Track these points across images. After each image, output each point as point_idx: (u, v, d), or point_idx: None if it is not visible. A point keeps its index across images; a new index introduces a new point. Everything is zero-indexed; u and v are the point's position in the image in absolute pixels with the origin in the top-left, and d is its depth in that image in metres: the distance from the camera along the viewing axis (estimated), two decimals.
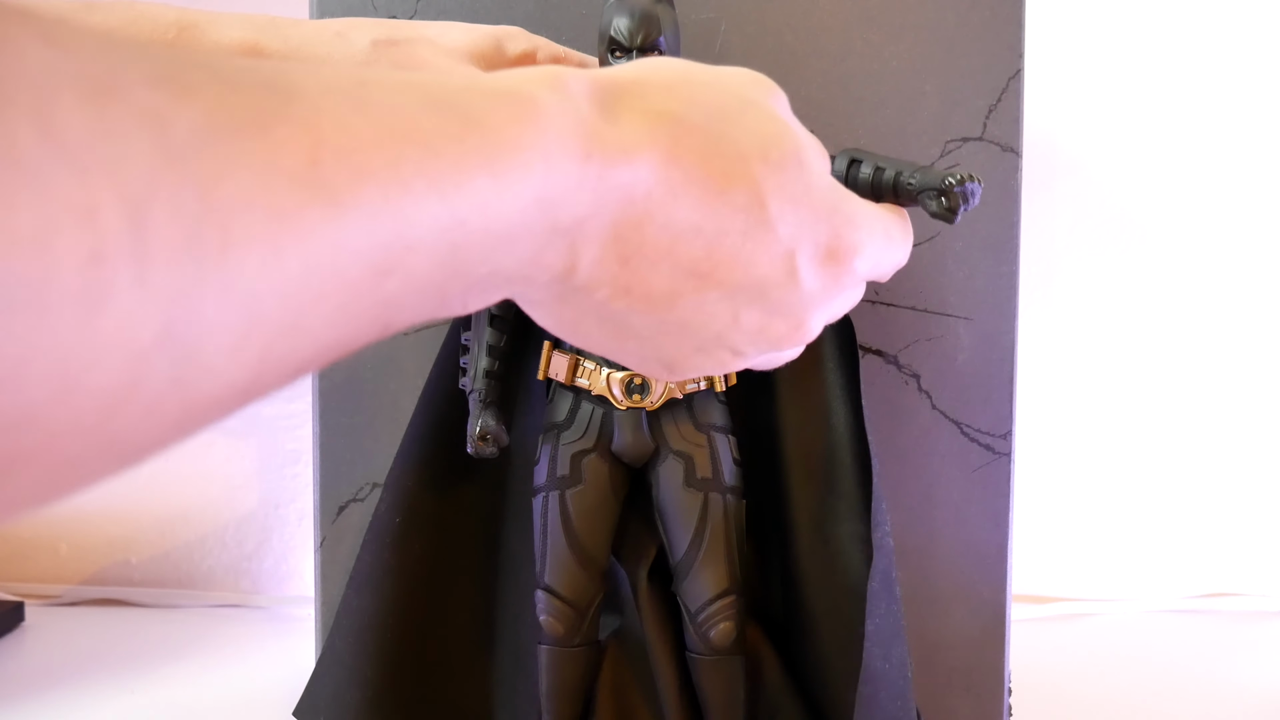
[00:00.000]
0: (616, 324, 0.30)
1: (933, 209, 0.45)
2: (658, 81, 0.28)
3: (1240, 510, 0.90)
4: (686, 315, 0.30)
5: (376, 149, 0.20)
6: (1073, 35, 0.87)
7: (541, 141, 0.24)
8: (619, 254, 0.27)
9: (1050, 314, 0.88)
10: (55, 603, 0.88)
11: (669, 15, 0.48)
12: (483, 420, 0.50)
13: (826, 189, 0.31)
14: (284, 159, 0.19)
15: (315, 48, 0.43)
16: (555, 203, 0.24)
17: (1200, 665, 0.77)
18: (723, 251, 0.28)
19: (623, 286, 0.28)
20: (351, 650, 0.53)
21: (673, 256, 0.28)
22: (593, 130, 0.25)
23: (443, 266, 0.22)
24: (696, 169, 0.27)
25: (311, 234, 0.19)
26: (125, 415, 0.17)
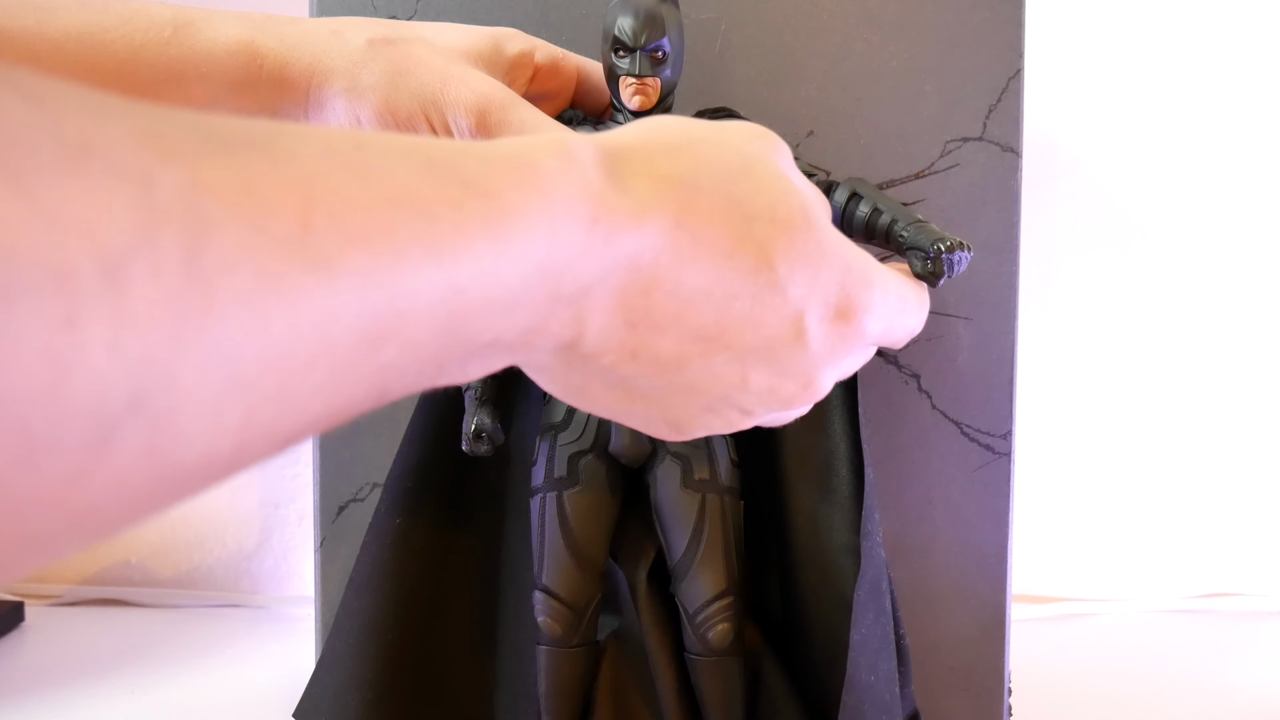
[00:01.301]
0: (623, 388, 0.29)
1: (916, 269, 0.45)
2: (662, 144, 0.28)
3: (1240, 510, 0.90)
4: (694, 378, 0.29)
5: (370, 213, 0.20)
6: (1073, 35, 0.87)
7: (546, 208, 0.23)
8: (626, 320, 0.27)
9: (1050, 314, 0.88)
10: (55, 603, 0.88)
11: (673, 15, 0.48)
12: (478, 418, 0.50)
13: (836, 245, 0.31)
14: (273, 221, 0.18)
15: (312, 46, 0.43)
16: (560, 271, 0.24)
17: (1200, 665, 0.77)
18: (731, 315, 0.28)
19: (629, 351, 0.27)
20: (351, 651, 0.53)
21: (681, 321, 0.27)
22: (599, 196, 0.25)
23: (441, 335, 0.22)
24: (704, 232, 0.27)
25: (300, 299, 0.18)
26: (92, 486, 0.17)
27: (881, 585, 0.49)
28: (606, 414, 0.31)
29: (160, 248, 0.16)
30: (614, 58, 0.48)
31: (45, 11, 0.40)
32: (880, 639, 0.49)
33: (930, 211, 0.56)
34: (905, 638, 0.52)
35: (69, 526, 0.17)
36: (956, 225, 0.57)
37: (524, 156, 0.24)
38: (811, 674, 0.52)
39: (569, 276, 0.24)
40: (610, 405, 0.30)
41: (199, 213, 0.17)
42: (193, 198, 0.17)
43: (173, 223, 0.17)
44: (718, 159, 0.28)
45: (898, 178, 0.57)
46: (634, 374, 0.28)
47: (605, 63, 0.48)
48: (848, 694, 0.47)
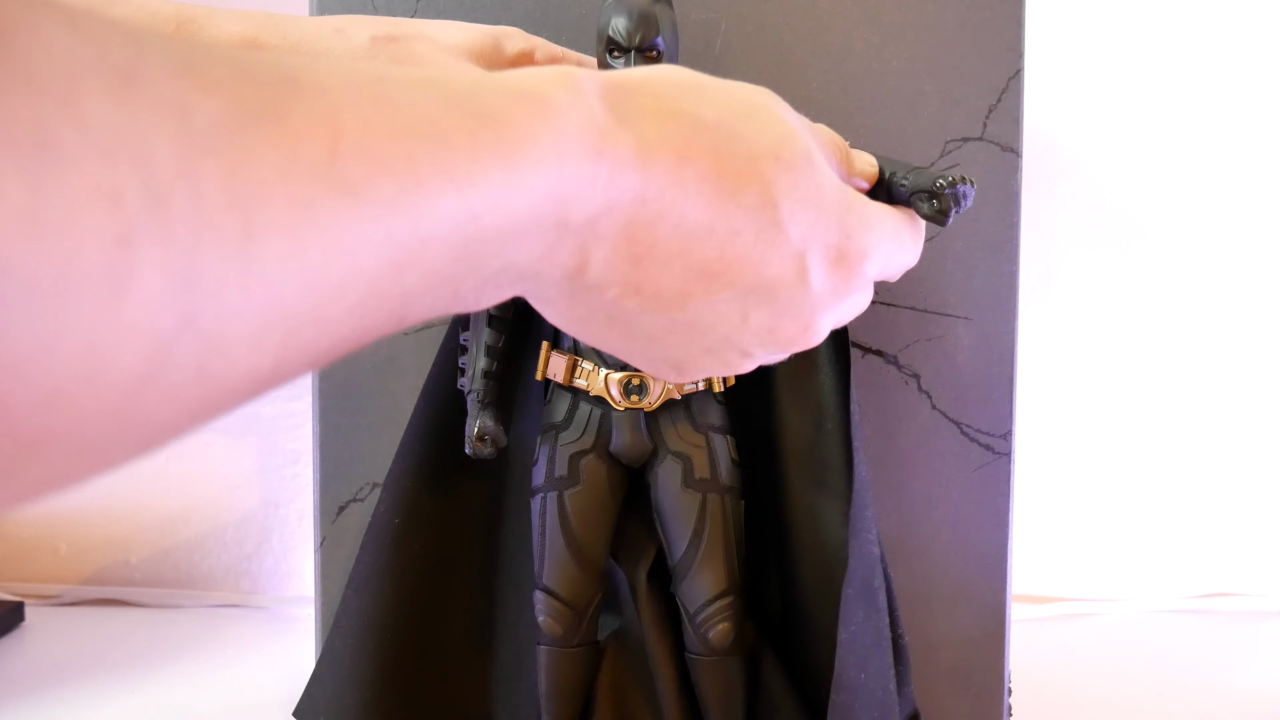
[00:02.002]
0: (626, 324, 0.30)
1: (924, 211, 0.45)
2: (670, 82, 0.29)
3: (1240, 510, 0.90)
4: (696, 316, 0.30)
5: (393, 143, 0.20)
6: (1073, 35, 0.87)
7: (555, 138, 0.24)
8: (631, 253, 0.27)
9: (1050, 314, 0.88)
10: (55, 603, 0.88)
11: (667, 15, 0.48)
12: (480, 421, 0.50)
13: (838, 190, 0.31)
14: (304, 151, 0.19)
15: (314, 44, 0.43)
16: (568, 199, 0.24)
17: (1200, 665, 0.77)
18: (734, 252, 0.28)
19: (633, 286, 0.28)
20: (351, 651, 0.53)
21: (684, 257, 0.28)
22: (605, 129, 0.25)
23: (457, 260, 0.23)
24: (710, 169, 0.27)
25: (331, 226, 0.19)
26: (147, 400, 0.17)
27: (873, 583, 0.49)
28: (607, 348, 0.31)
29: (201, 175, 0.17)
30: (609, 58, 0.48)
31: None
32: (872, 636, 0.49)
33: None
34: (904, 637, 0.52)
35: (123, 438, 0.18)
36: (956, 225, 0.57)
37: (534, 88, 0.25)
38: (810, 673, 0.52)
39: (576, 205, 0.25)
40: (612, 340, 0.31)
41: (235, 142, 0.18)
42: (229, 128, 0.18)
43: (212, 152, 0.17)
44: (724, 100, 0.29)
45: None
46: (637, 309, 0.29)
47: (600, 63, 0.48)
48: (837, 692, 0.47)
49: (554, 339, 0.52)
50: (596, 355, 0.50)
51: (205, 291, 0.17)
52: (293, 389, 0.89)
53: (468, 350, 0.52)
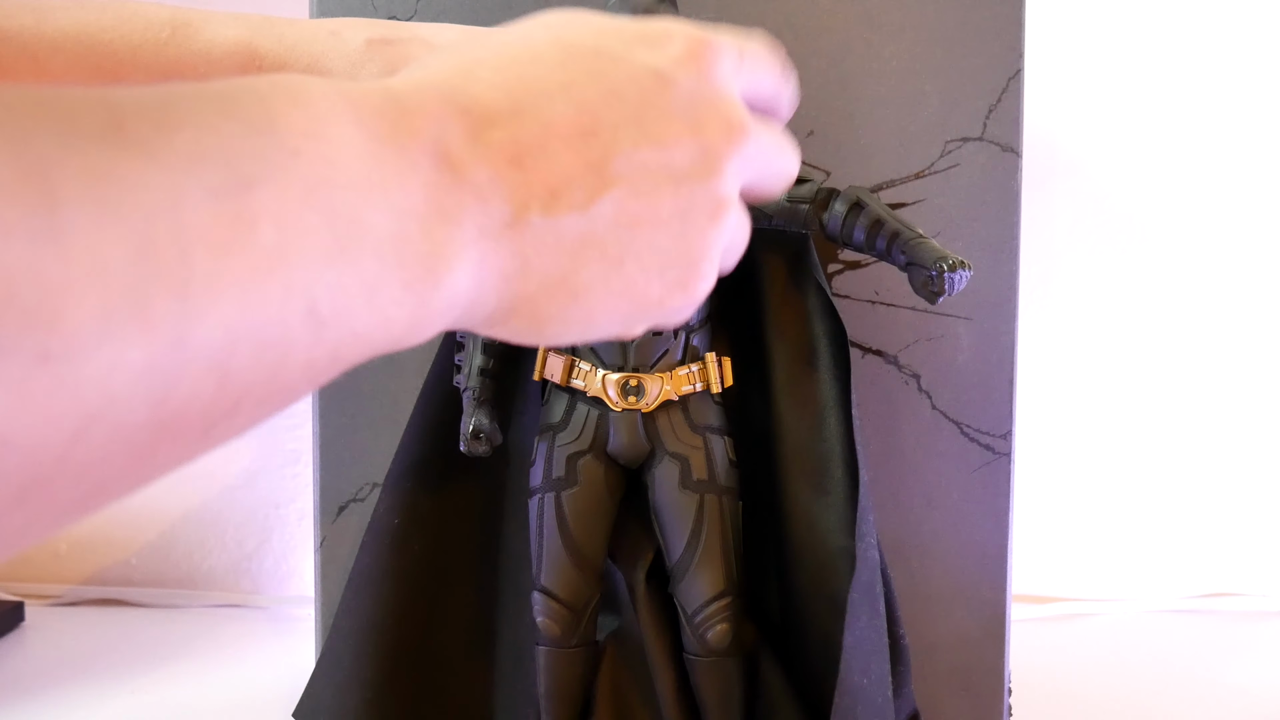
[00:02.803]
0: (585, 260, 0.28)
1: (916, 283, 0.46)
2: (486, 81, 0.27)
3: (1240, 510, 0.90)
4: (616, 208, 0.28)
5: (178, 106, 0.20)
6: (1073, 35, 0.87)
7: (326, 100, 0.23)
8: (505, 155, 0.26)
9: (1050, 314, 0.88)
10: (55, 603, 0.88)
11: (670, 16, 0.48)
12: (476, 418, 0.50)
13: (662, 27, 0.30)
14: (84, 124, 0.18)
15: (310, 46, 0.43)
16: (383, 131, 0.23)
17: (1200, 665, 0.77)
18: (585, 100, 0.27)
19: (543, 189, 0.26)
20: (351, 651, 0.53)
21: (547, 132, 0.26)
22: (386, 90, 0.24)
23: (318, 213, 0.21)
24: (496, 68, 0.27)
25: (139, 185, 0.18)
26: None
27: (875, 588, 0.49)
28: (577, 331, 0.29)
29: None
30: None
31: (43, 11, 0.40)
32: (874, 641, 0.49)
33: (930, 211, 0.56)
34: (905, 637, 0.52)
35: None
36: (956, 225, 0.57)
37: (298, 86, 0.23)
38: (808, 675, 0.52)
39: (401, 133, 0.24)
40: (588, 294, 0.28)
41: (7, 126, 0.17)
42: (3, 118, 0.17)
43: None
44: (498, 37, 0.28)
45: (898, 178, 0.57)
46: (571, 223, 0.27)
47: None
48: (840, 696, 0.47)
49: None
50: (594, 355, 0.50)
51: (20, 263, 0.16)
52: None
53: (464, 347, 0.52)
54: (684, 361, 0.51)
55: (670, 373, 0.50)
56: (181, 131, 0.19)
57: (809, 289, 0.51)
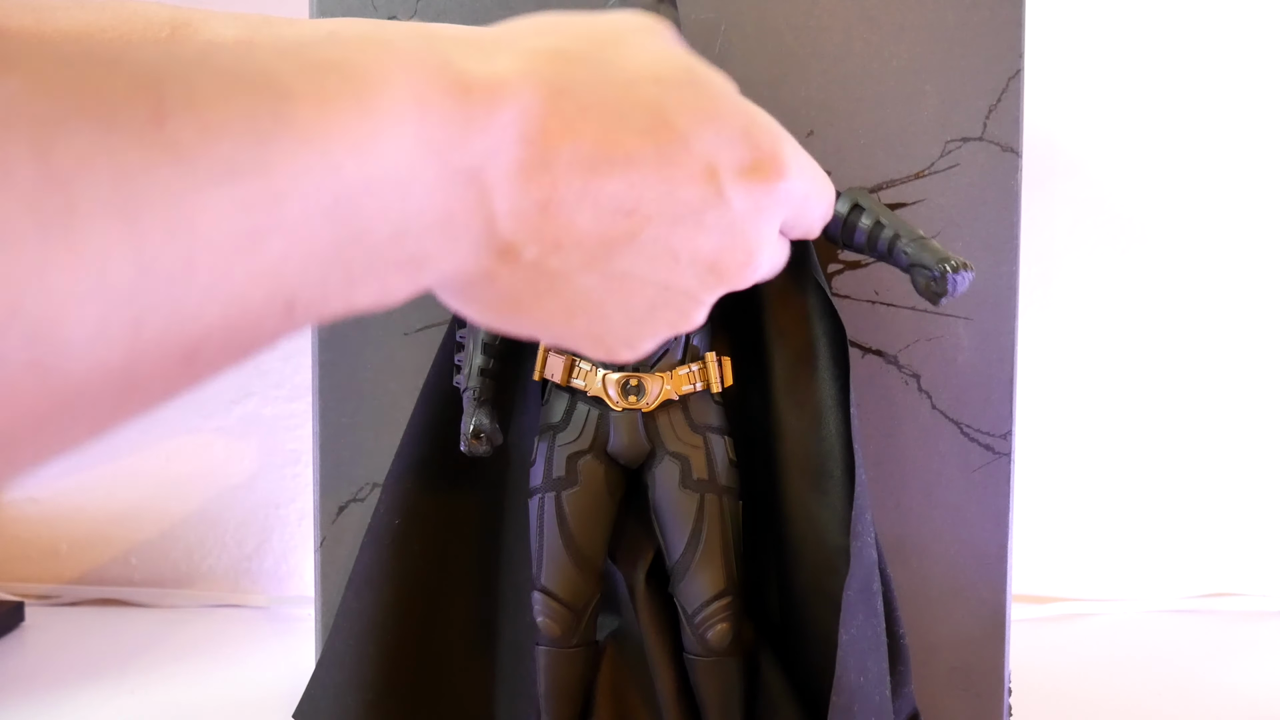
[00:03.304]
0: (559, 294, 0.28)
1: (919, 284, 0.46)
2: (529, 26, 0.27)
3: (1240, 510, 0.90)
4: (627, 265, 0.28)
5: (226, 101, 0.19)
6: (1073, 35, 0.87)
7: (408, 79, 0.23)
8: (535, 200, 0.25)
9: (1050, 314, 0.88)
10: (55, 603, 0.88)
11: (671, 15, 0.48)
12: (476, 418, 0.50)
13: (734, 101, 0.30)
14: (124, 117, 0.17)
15: None
16: (440, 143, 0.23)
17: (1200, 665, 0.77)
18: (641, 181, 0.27)
19: (551, 240, 0.26)
20: (351, 652, 0.53)
21: (591, 195, 0.26)
22: (463, 67, 0.24)
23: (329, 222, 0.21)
24: (588, 98, 0.26)
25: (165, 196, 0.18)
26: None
27: (872, 586, 0.49)
28: (549, 334, 0.29)
29: (8, 150, 0.16)
30: None
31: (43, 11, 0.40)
32: (870, 640, 0.49)
33: (930, 211, 0.56)
34: (904, 637, 0.52)
35: None
36: (956, 225, 0.57)
37: (382, 38, 0.23)
38: (808, 674, 0.52)
39: (453, 150, 0.23)
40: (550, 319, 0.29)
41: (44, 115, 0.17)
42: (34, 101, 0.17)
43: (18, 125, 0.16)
44: (589, 34, 0.27)
45: (898, 178, 0.57)
46: (562, 269, 0.27)
47: None
48: (837, 695, 0.47)
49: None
50: None
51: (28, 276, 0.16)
52: (293, 389, 0.89)
53: (464, 347, 0.52)
54: (684, 361, 0.51)
55: (670, 372, 0.50)
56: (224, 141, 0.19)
57: (809, 289, 0.51)
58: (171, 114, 0.18)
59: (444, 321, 0.56)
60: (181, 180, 0.18)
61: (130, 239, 0.17)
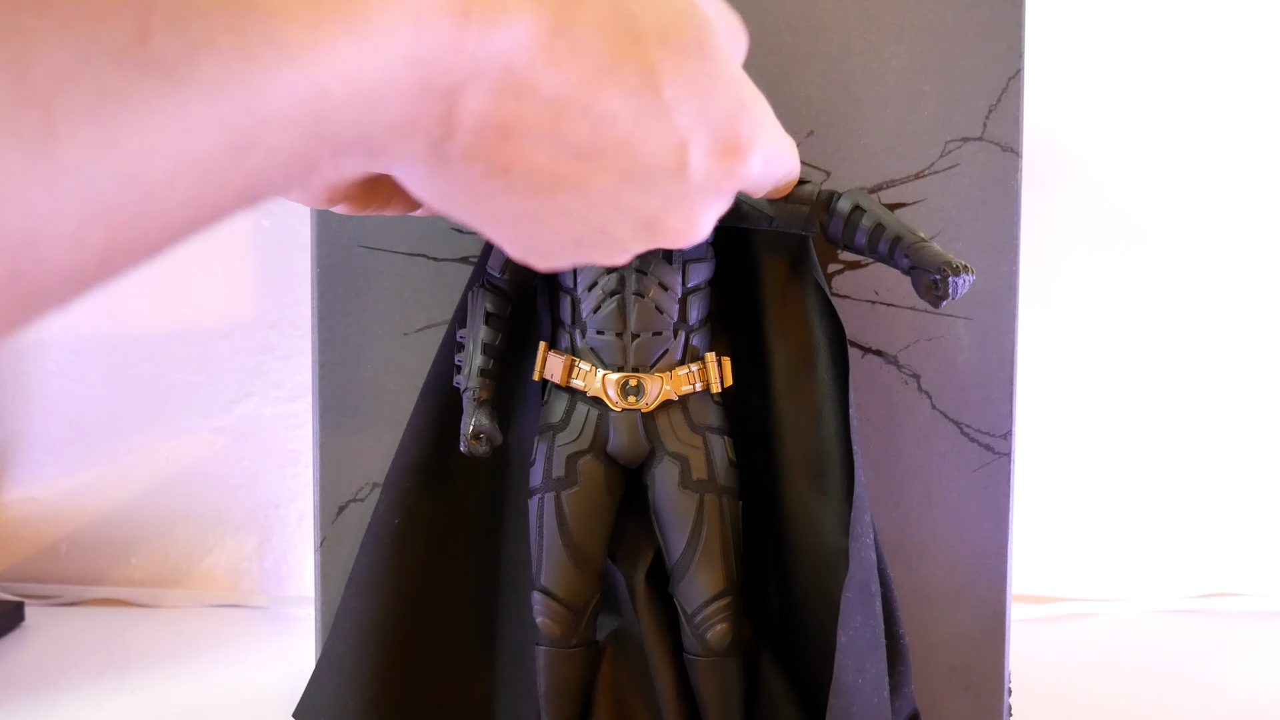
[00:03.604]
0: (493, 203, 0.28)
1: (920, 287, 0.46)
2: None
3: (1240, 510, 0.90)
4: (568, 202, 0.28)
5: (215, 16, 0.18)
6: (1073, 35, 0.87)
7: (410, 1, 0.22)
8: (498, 126, 0.25)
9: (1050, 314, 0.88)
10: (55, 603, 0.88)
11: None
12: (476, 419, 0.50)
13: (732, 80, 0.29)
14: (106, 32, 0.17)
15: None
16: (428, 64, 0.23)
17: (1200, 665, 0.77)
18: (609, 135, 0.27)
19: (502, 163, 0.26)
20: (351, 652, 0.53)
21: (556, 135, 0.26)
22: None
23: (306, 136, 0.21)
24: (585, 42, 0.25)
25: (149, 114, 0.18)
26: None
27: (871, 587, 0.49)
28: (471, 224, 0.29)
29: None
30: None
31: None
32: (869, 641, 0.49)
33: (930, 211, 0.56)
34: (904, 638, 0.52)
35: None
36: (956, 225, 0.57)
37: None
38: (808, 675, 0.52)
39: (439, 70, 0.23)
40: (477, 219, 0.29)
41: (22, 30, 0.16)
42: (14, 14, 0.16)
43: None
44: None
45: (898, 178, 0.57)
46: (505, 188, 0.27)
47: None
48: (835, 696, 0.47)
49: (551, 339, 0.52)
50: (594, 355, 0.50)
51: (7, 195, 0.16)
52: (293, 389, 0.89)
53: (464, 347, 0.52)
54: (684, 361, 0.51)
55: (670, 372, 0.50)
56: (211, 60, 0.18)
57: (809, 289, 0.51)
58: (157, 30, 0.18)
59: (444, 321, 0.56)
60: (165, 99, 0.18)
61: (110, 156, 0.17)
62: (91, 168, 0.17)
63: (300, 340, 0.89)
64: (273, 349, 0.90)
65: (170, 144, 0.18)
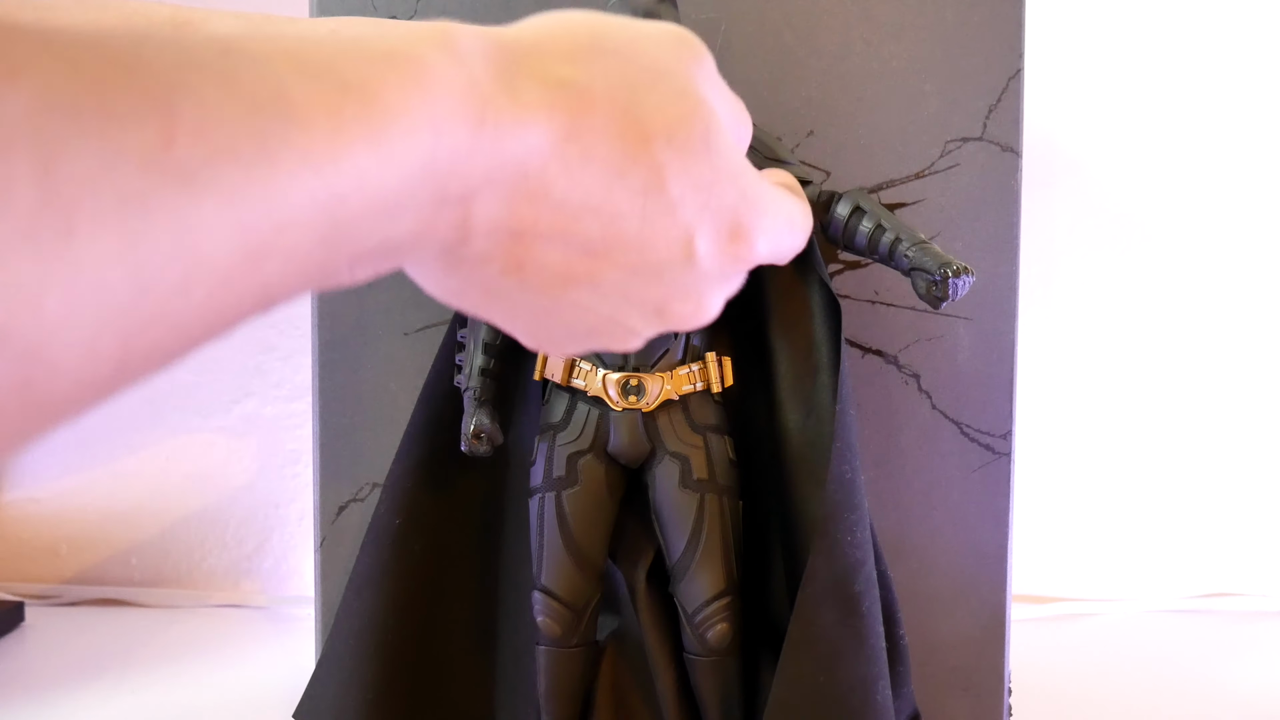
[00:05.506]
0: (507, 299, 0.28)
1: (920, 288, 0.46)
2: (564, 45, 0.27)
3: (1240, 510, 0.90)
4: (580, 297, 0.28)
5: (239, 124, 0.19)
6: (1073, 35, 0.87)
7: (429, 109, 0.22)
8: (511, 228, 0.26)
9: (1050, 314, 0.88)
10: (55, 603, 0.88)
11: (671, 15, 0.48)
12: (477, 418, 0.50)
13: (734, 171, 0.30)
14: (133, 138, 0.17)
15: None
16: (445, 173, 0.23)
17: (1200, 665, 0.77)
18: (618, 234, 0.27)
19: (515, 262, 0.27)
20: (351, 652, 0.53)
21: (567, 235, 0.27)
22: (487, 96, 0.24)
23: (324, 244, 0.21)
24: (596, 147, 0.26)
25: (168, 220, 0.18)
26: None
27: (852, 586, 0.48)
28: (484, 317, 0.30)
29: (9, 171, 0.16)
30: None
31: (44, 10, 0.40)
32: (848, 641, 0.48)
33: (930, 211, 0.56)
34: (904, 638, 0.52)
35: None
36: (956, 225, 0.57)
37: (407, 52, 0.23)
38: None
39: (455, 179, 0.24)
40: (491, 313, 0.29)
41: (49, 134, 0.16)
42: (42, 117, 0.16)
43: (21, 145, 0.16)
44: (621, 70, 0.27)
45: (898, 178, 0.57)
46: (518, 285, 0.27)
47: None
48: (778, 686, 0.47)
49: None
50: (594, 355, 0.50)
51: (20, 299, 0.16)
52: (293, 389, 0.89)
53: (465, 347, 0.52)
54: (684, 361, 0.51)
55: (671, 372, 0.50)
56: (233, 166, 0.19)
57: (813, 287, 0.51)
58: (181, 135, 0.18)
59: (444, 321, 0.56)
60: (186, 204, 0.18)
61: (129, 261, 0.17)
62: (108, 273, 0.17)
63: (300, 340, 0.89)
64: (273, 349, 0.90)
65: (187, 250, 0.18)
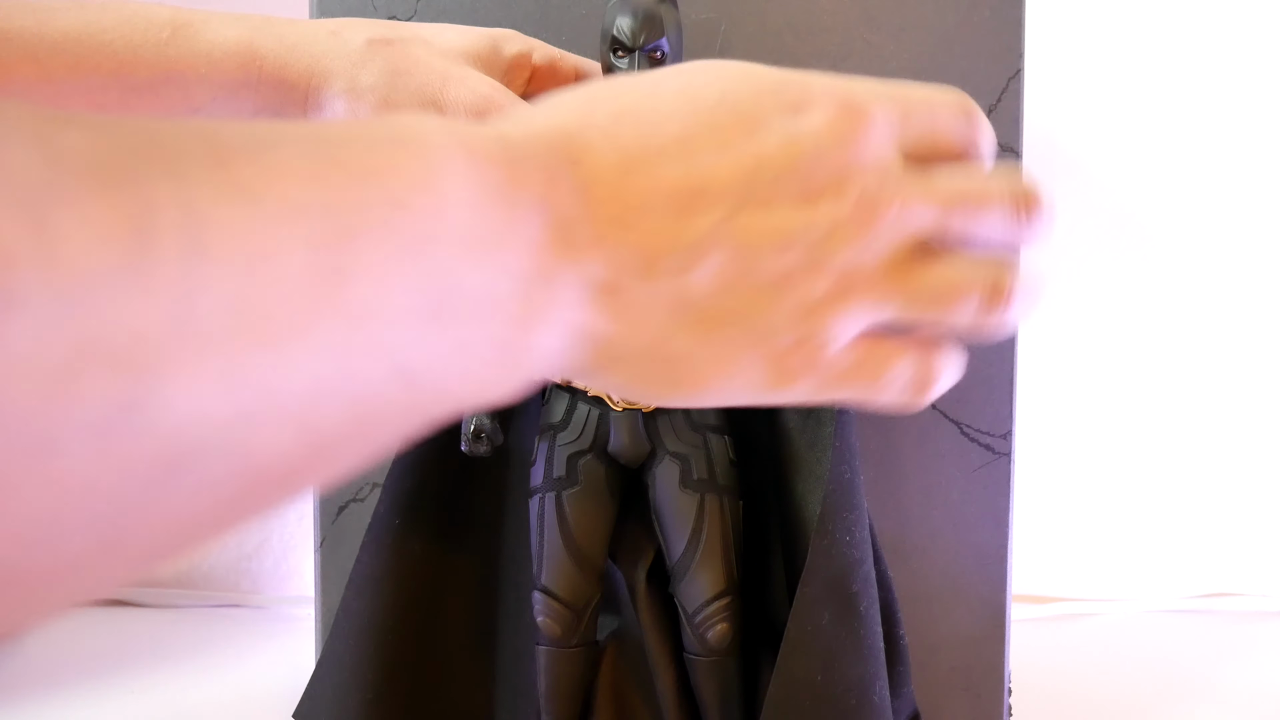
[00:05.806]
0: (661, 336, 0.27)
1: None
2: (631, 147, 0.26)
3: (1240, 510, 0.90)
4: (714, 272, 0.26)
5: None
6: (1073, 35, 0.87)
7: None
8: (611, 214, 0.25)
9: (1050, 314, 0.88)
10: None
11: (672, 15, 0.48)
12: (477, 418, 0.50)
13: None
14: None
15: (310, 47, 0.43)
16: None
17: (1200, 665, 0.77)
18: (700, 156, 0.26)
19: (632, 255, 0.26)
20: (351, 652, 0.53)
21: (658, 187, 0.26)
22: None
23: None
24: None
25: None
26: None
27: (849, 586, 0.48)
28: (705, 364, 0.28)
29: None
30: (612, 58, 0.48)
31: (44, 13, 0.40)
32: (849, 642, 0.48)
33: None
34: (904, 638, 0.52)
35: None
36: None
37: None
38: None
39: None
40: (693, 347, 0.27)
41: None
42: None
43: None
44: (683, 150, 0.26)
45: None
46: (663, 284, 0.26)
47: (604, 63, 0.48)
48: (775, 686, 0.47)
49: None
50: None
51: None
52: None
53: None
54: None
55: None
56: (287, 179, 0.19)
57: None
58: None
59: None
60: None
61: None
62: (189, 283, 0.17)
63: None
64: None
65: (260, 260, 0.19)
